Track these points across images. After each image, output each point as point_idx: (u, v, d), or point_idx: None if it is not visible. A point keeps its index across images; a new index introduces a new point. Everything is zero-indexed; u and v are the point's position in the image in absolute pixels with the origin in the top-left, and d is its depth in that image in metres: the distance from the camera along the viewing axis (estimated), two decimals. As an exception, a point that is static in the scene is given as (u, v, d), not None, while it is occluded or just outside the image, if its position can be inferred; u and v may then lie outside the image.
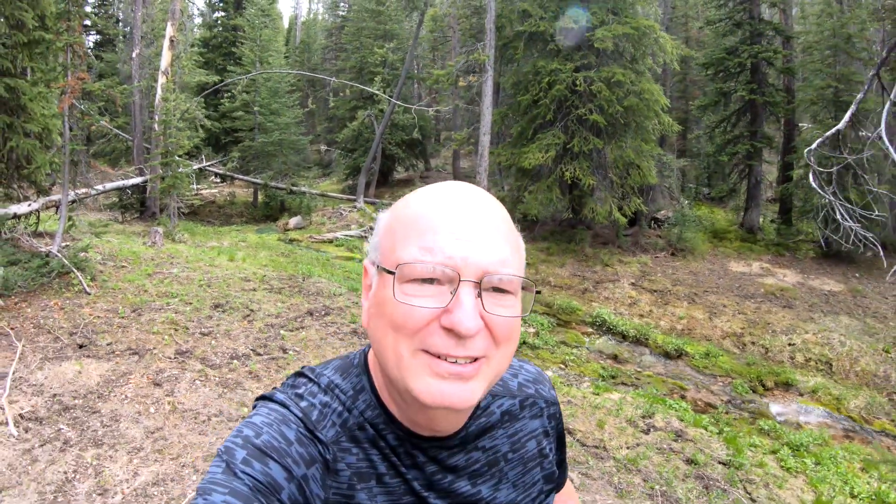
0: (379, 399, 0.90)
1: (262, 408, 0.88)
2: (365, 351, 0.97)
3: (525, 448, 1.03)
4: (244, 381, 5.85)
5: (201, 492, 0.76)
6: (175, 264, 9.99)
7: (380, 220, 0.88)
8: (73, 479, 4.14)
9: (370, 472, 0.87)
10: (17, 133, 8.13)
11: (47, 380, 5.48)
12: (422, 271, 0.77)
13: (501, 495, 0.98)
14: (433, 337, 0.78)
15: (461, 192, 0.84)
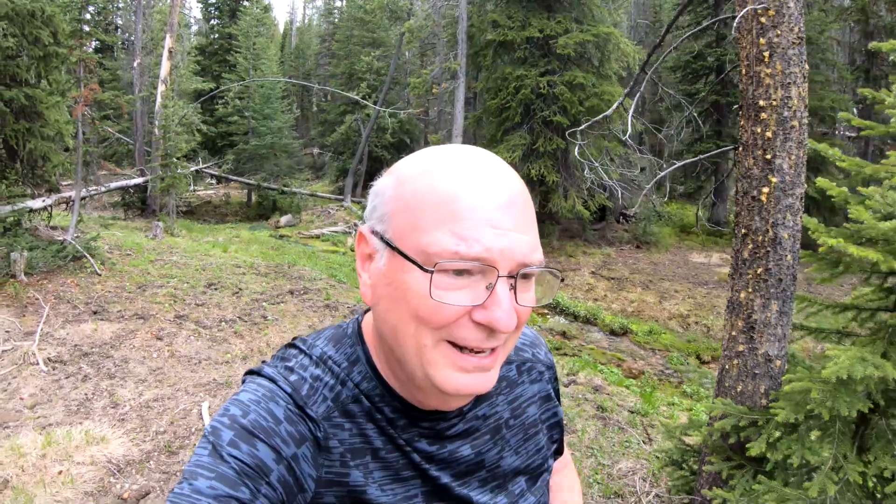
0: (375, 370, 0.86)
1: (249, 383, 0.85)
2: (359, 319, 0.93)
3: (525, 413, 1.01)
4: (230, 339, 7.16)
5: (187, 475, 0.73)
6: (174, 253, 11.26)
7: (385, 184, 0.80)
8: (92, 398, 5.44)
9: (365, 447, 0.84)
10: (35, 137, 9.32)
11: (69, 335, 6.77)
12: (457, 265, 0.72)
13: (505, 462, 0.95)
14: (463, 330, 0.75)
15: (488, 165, 0.77)
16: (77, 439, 4.64)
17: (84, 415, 5.11)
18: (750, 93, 2.72)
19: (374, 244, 0.80)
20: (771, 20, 2.61)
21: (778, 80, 2.62)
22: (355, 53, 26.41)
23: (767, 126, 2.66)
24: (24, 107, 8.77)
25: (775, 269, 2.74)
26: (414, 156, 0.82)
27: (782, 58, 2.61)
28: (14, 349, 6.34)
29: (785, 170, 2.67)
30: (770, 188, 2.69)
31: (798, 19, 2.63)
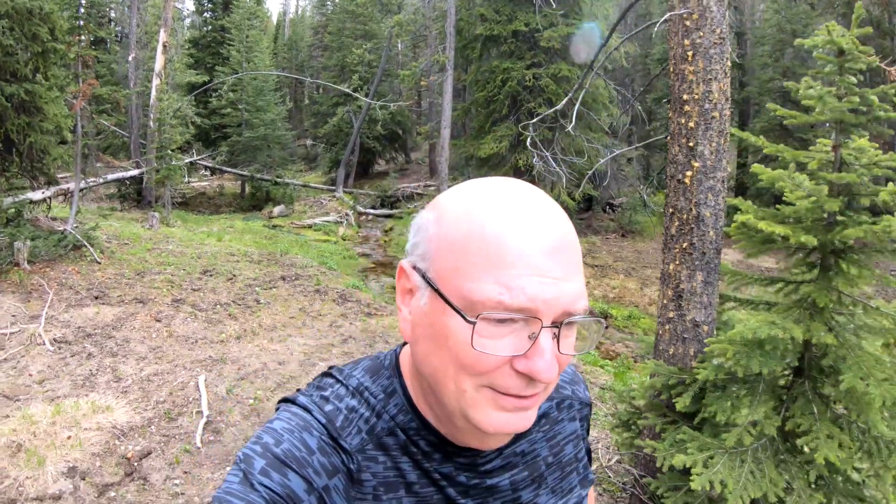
0: (412, 403, 0.85)
1: (283, 412, 0.84)
2: (397, 351, 0.92)
3: (563, 452, 1.00)
4: (224, 320, 7.55)
5: (218, 502, 0.73)
6: (170, 243, 11.62)
7: (427, 220, 0.78)
8: (96, 374, 5.83)
9: (398, 481, 0.82)
10: (35, 130, 9.61)
11: (72, 318, 7.15)
12: (501, 316, 0.70)
13: (541, 500, 0.94)
14: (504, 379, 0.73)
15: (536, 206, 0.74)
16: (84, 409, 5.04)
17: (89, 388, 5.51)
18: (676, 88, 3.11)
19: (415, 280, 0.78)
20: (695, 23, 3.00)
21: (700, 76, 3.02)
22: (347, 46, 26.68)
23: (690, 117, 3.06)
24: (24, 102, 9.03)
25: (699, 243, 3.15)
26: (457, 190, 0.79)
27: (704, 56, 3.00)
28: (21, 331, 6.72)
29: (706, 156, 3.07)
30: (693, 172, 3.09)
31: (720, 22, 3.03)
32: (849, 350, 2.92)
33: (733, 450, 2.98)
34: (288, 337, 7.25)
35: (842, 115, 3.02)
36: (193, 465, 4.43)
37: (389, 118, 24.98)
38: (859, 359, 2.86)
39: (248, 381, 5.87)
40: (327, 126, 24.81)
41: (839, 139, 3.10)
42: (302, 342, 7.10)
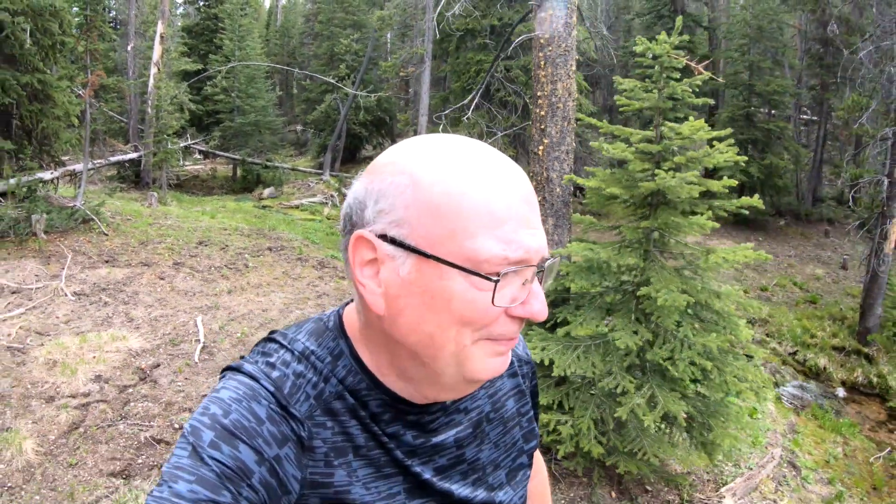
0: (360, 363, 0.85)
1: (229, 380, 0.83)
2: (339, 312, 0.92)
3: (505, 407, 1.03)
4: (217, 279, 8.84)
5: (167, 477, 0.72)
6: (168, 219, 12.84)
7: (397, 185, 0.76)
8: (112, 317, 7.11)
9: (347, 445, 0.83)
10: (47, 117, 10.70)
11: (88, 277, 8.41)
12: (508, 269, 0.74)
13: (484, 455, 0.97)
14: (502, 326, 0.77)
15: (505, 163, 0.78)
16: (105, 338, 6.34)
17: (107, 325, 6.80)
18: (535, 87, 4.37)
19: (385, 250, 0.76)
20: (546, 41, 4.26)
21: (549, 78, 4.28)
22: (336, 35, 27.78)
23: (542, 108, 4.33)
24: (37, 90, 9.99)
25: (549, 196, 4.44)
26: (422, 154, 0.77)
27: (552, 64, 4.27)
28: (45, 286, 7.97)
29: (553, 135, 4.35)
30: (544, 146, 4.37)
31: (565, 39, 4.29)
32: (653, 271, 4.23)
33: (568, 343, 4.29)
34: (271, 292, 8.56)
35: (658, 103, 4.31)
36: (192, 374, 5.77)
37: (376, 105, 26.15)
38: (659, 275, 4.17)
39: (237, 321, 7.20)
40: (315, 113, 25.99)
41: (659, 120, 4.40)
42: (283, 296, 8.41)
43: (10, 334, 6.42)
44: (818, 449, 6.99)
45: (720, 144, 4.12)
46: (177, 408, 5.26)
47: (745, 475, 5.61)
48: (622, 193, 4.22)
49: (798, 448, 6.68)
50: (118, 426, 4.93)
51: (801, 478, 6.04)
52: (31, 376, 5.57)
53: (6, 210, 9.33)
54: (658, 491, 4.99)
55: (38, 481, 4.27)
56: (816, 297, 13.44)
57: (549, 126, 4.35)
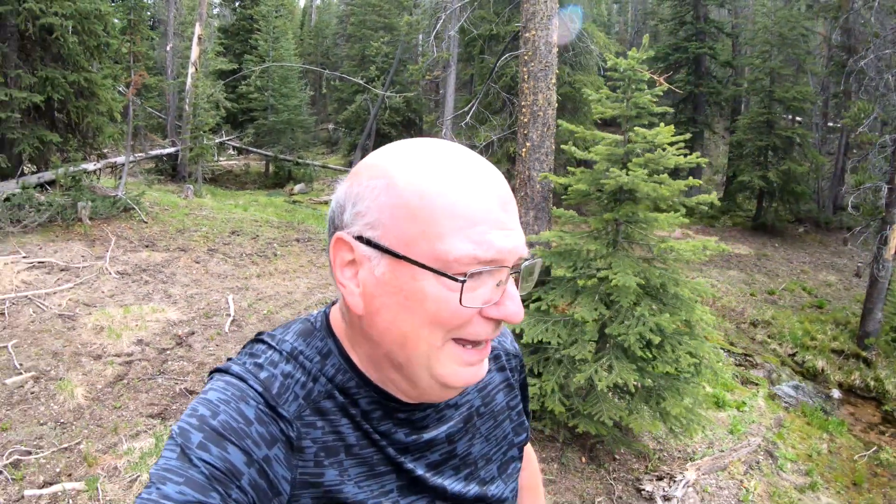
0: (350, 362, 0.87)
1: (217, 381, 0.84)
2: (326, 312, 0.94)
3: (494, 401, 1.04)
4: (248, 265, 9.65)
5: (155, 479, 0.73)
6: (203, 210, 13.71)
7: (371, 188, 0.79)
8: (152, 293, 7.93)
9: (338, 444, 0.84)
10: (92, 112, 11.39)
11: (130, 259, 9.26)
12: (477, 269, 0.75)
13: (475, 449, 0.98)
14: (475, 326, 0.79)
15: (481, 166, 0.80)
16: (146, 310, 7.15)
17: (148, 300, 7.62)
18: (519, 97, 5.04)
19: (361, 251, 0.79)
20: (529, 58, 4.93)
21: (531, 90, 4.96)
22: (368, 37, 28.69)
23: (526, 115, 5.01)
24: (83, 88, 10.75)
25: (530, 192, 5.11)
26: (399, 157, 0.80)
27: (534, 78, 4.94)
28: (91, 266, 8.82)
29: (534, 139, 5.02)
30: (526, 149, 5.04)
31: (545, 56, 4.96)
32: (616, 258, 4.87)
33: (540, 318, 4.95)
34: (297, 278, 9.34)
35: (624, 111, 4.96)
36: (222, 341, 6.56)
37: (405, 106, 26.99)
38: (620, 262, 4.81)
39: (264, 301, 7.99)
40: (346, 112, 26.93)
41: (626, 126, 5.04)
42: (307, 281, 9.18)
43: (60, 304, 7.27)
44: (803, 444, 7.24)
45: (671, 148, 4.74)
46: (208, 367, 6.06)
47: (715, 455, 6.11)
48: (589, 189, 4.88)
49: (781, 440, 6.99)
50: (157, 379, 5.74)
51: (776, 466, 6.36)
52: (81, 339, 6.40)
53: (54, 197, 10.20)
54: (626, 460, 5.60)
55: (86, 419, 5.08)
56: (824, 302, 13.70)
57: (531, 131, 5.02)
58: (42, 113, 10.40)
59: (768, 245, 17.81)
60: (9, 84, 9.58)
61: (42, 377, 5.63)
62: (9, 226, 9.27)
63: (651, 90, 4.88)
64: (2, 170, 9.85)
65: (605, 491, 5.05)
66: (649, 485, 5.11)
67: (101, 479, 4.36)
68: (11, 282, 7.59)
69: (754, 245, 17.70)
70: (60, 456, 4.62)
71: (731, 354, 10.78)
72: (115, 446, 4.76)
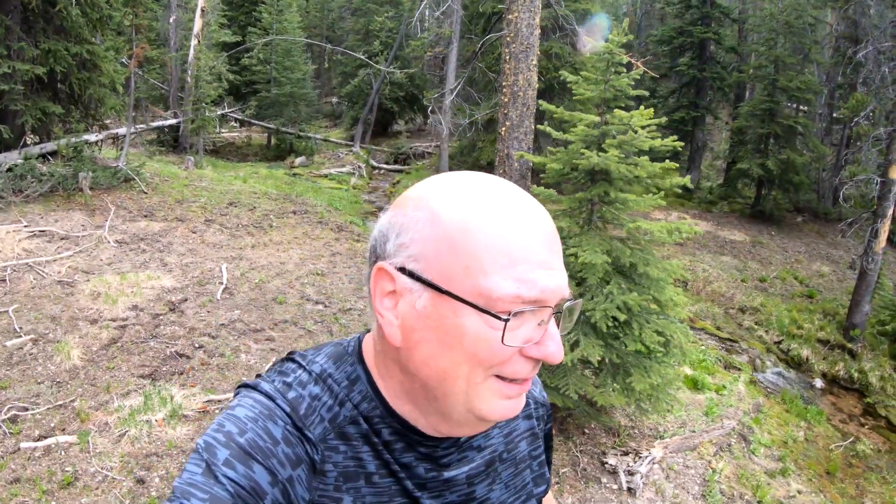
0: (376, 390, 0.87)
1: (245, 398, 0.84)
2: (360, 338, 0.93)
3: (518, 448, 1.03)
4: (244, 236, 9.87)
5: (179, 494, 0.73)
6: (203, 181, 13.91)
7: (415, 220, 0.79)
8: (148, 262, 8.16)
9: (358, 471, 0.84)
10: (94, 84, 11.41)
11: (128, 228, 9.48)
12: (520, 308, 0.75)
13: (494, 496, 0.97)
14: (515, 365, 0.78)
15: (529, 203, 0.80)
16: (142, 277, 7.39)
17: (144, 268, 7.85)
18: (501, 78, 5.21)
19: (403, 283, 0.79)
20: (511, 39, 5.09)
21: (512, 70, 5.12)
22: (374, 11, 28.62)
23: (506, 95, 5.17)
24: (85, 60, 10.85)
25: (509, 170, 5.30)
26: (444, 190, 0.80)
27: (515, 59, 5.10)
28: (90, 234, 9.04)
29: (514, 118, 5.19)
30: (505, 128, 5.22)
31: (527, 37, 5.12)
32: (586, 236, 5.06)
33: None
34: (290, 248, 9.56)
35: (602, 93, 5.12)
36: (213, 307, 6.80)
37: (408, 81, 27.01)
38: (589, 240, 5.00)
39: (256, 270, 8.22)
40: (349, 86, 26.94)
41: (603, 108, 5.21)
42: (300, 252, 9.40)
43: (60, 272, 7.50)
44: (779, 430, 7.35)
45: (642, 131, 4.91)
46: (198, 332, 6.32)
47: (685, 435, 6.29)
48: (564, 169, 5.06)
49: (757, 425, 7.09)
50: (149, 343, 5.99)
51: (748, 450, 6.49)
52: (79, 304, 6.64)
53: (56, 168, 10.38)
54: (595, 434, 5.83)
55: (81, 379, 5.34)
56: (815, 292, 13.81)
57: (511, 111, 5.20)
58: (45, 85, 10.51)
59: (765, 233, 17.87)
60: (12, 56, 9.71)
61: (40, 340, 5.88)
62: (11, 195, 9.48)
63: (629, 74, 5.04)
64: (4, 141, 10.03)
65: (570, 462, 5.30)
66: (613, 459, 5.34)
67: (92, 434, 4.62)
68: (13, 249, 7.82)
69: (750, 232, 17.76)
70: (55, 412, 4.88)
71: (715, 339, 10.98)
72: (106, 404, 5.01)
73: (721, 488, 5.61)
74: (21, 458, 4.38)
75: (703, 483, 5.59)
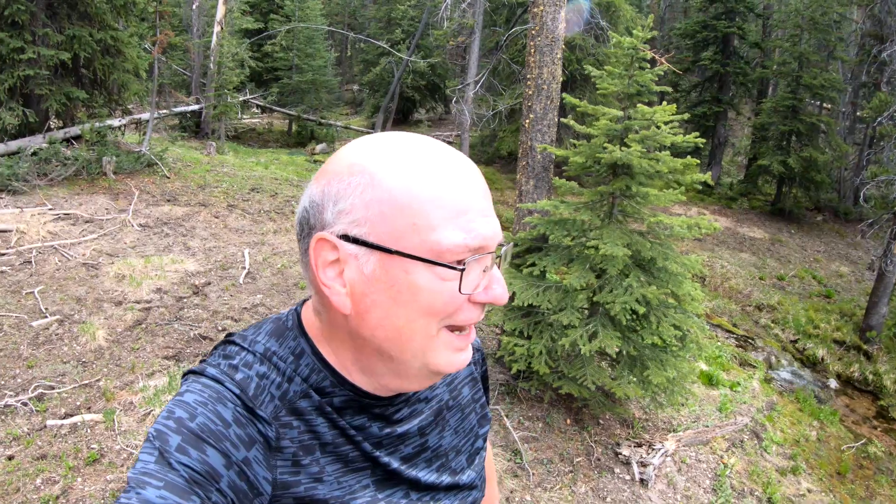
0: (323, 360, 0.88)
1: (193, 383, 0.84)
2: (297, 310, 0.94)
3: (461, 394, 1.08)
4: (265, 221, 9.98)
5: (134, 483, 0.72)
6: (225, 167, 14.01)
7: (353, 185, 0.78)
8: (171, 245, 8.28)
9: (315, 442, 0.86)
10: (118, 70, 11.48)
11: (152, 212, 9.61)
12: (466, 256, 0.77)
13: (445, 442, 1.02)
14: (466, 313, 0.81)
15: (458, 156, 0.82)
16: (165, 261, 7.51)
17: (168, 252, 7.98)
18: (525, 70, 5.22)
19: (347, 250, 0.79)
20: (536, 32, 5.11)
21: (537, 63, 5.14)
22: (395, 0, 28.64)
23: (531, 88, 5.19)
24: (109, 46, 10.97)
25: (532, 162, 5.32)
26: (380, 153, 0.80)
27: (540, 52, 5.12)
28: (114, 218, 9.19)
29: (537, 111, 5.21)
30: (529, 120, 5.25)
31: (552, 30, 5.13)
32: (607, 229, 5.09)
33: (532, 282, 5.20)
34: (309, 237, 9.66)
35: (626, 88, 5.13)
36: (236, 292, 6.91)
37: (430, 70, 27.03)
38: (610, 233, 5.03)
39: (279, 256, 8.32)
40: (370, 74, 27.00)
41: (626, 104, 5.22)
42: (319, 240, 9.51)
43: (84, 254, 7.65)
44: (792, 429, 7.34)
45: (665, 126, 4.92)
46: (221, 315, 6.43)
47: (698, 429, 6.31)
48: (587, 162, 5.09)
49: (770, 423, 7.10)
50: (173, 325, 6.10)
51: (760, 447, 6.49)
52: (103, 286, 6.77)
53: (80, 152, 10.52)
54: (609, 425, 5.87)
55: (106, 359, 5.47)
56: (832, 292, 13.69)
57: (535, 104, 5.22)
58: (69, 70, 10.64)
59: (784, 231, 17.73)
60: (36, 42, 9.86)
61: (66, 320, 6.00)
62: (36, 179, 9.65)
63: (652, 69, 5.05)
64: (30, 125, 10.19)
65: (584, 452, 5.35)
66: (627, 450, 5.39)
67: (117, 412, 4.73)
68: (38, 232, 7.97)
69: (770, 230, 17.63)
70: (81, 391, 5.00)
71: (731, 336, 10.95)
72: (131, 384, 5.13)
73: (732, 483, 5.65)
74: (47, 435, 4.50)
75: (714, 477, 5.63)
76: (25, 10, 9.45)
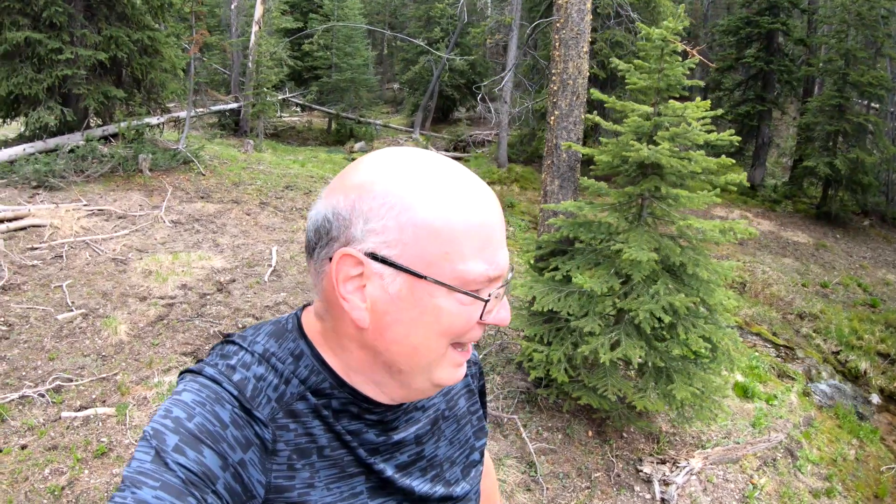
0: (323, 363, 0.88)
1: (191, 383, 0.84)
2: (298, 314, 0.95)
3: (457, 405, 1.10)
4: (297, 219, 9.97)
5: (130, 483, 0.72)
6: (261, 164, 14.10)
7: (385, 207, 0.79)
8: (201, 242, 8.31)
9: (311, 446, 0.86)
10: (155, 69, 11.53)
11: (184, 209, 9.68)
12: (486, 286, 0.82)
13: (441, 452, 1.03)
14: (473, 333, 0.85)
15: (482, 186, 0.84)
16: (193, 258, 7.53)
17: (196, 248, 8.01)
18: (550, 65, 5.05)
19: (373, 268, 0.80)
20: (561, 25, 4.93)
21: (562, 58, 4.96)
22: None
23: (555, 83, 5.02)
24: (147, 46, 11.15)
25: (557, 161, 5.15)
26: (410, 177, 0.81)
27: (565, 45, 4.94)
28: (147, 214, 9.27)
29: (563, 108, 5.04)
30: (554, 117, 5.07)
31: (578, 23, 4.95)
32: (634, 232, 4.88)
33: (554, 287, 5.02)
34: (339, 235, 9.62)
35: (655, 83, 4.92)
36: (260, 289, 6.89)
37: (469, 69, 26.90)
38: (637, 236, 4.82)
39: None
40: (410, 73, 26.97)
41: (656, 99, 5.00)
42: (348, 239, 9.47)
43: (115, 249, 7.72)
44: (830, 447, 6.94)
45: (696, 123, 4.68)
46: (243, 313, 6.41)
47: (728, 446, 5.96)
48: (614, 161, 4.89)
49: (807, 440, 6.73)
50: (194, 321, 6.10)
51: (794, 466, 6.14)
52: (130, 281, 6.81)
53: (117, 149, 10.68)
54: (633, 439, 5.61)
55: (125, 353, 5.49)
56: (878, 301, 13.08)
57: (560, 100, 5.04)
58: (107, 69, 10.79)
59: (829, 235, 17.08)
60: (74, 42, 10.03)
61: (90, 314, 6.05)
62: (72, 175, 9.81)
63: (682, 63, 4.81)
64: (68, 123, 10.38)
65: (604, 467, 5.14)
66: (649, 467, 5.15)
67: (130, 407, 4.73)
68: (71, 227, 8.08)
69: (815, 234, 17.01)
70: (98, 385, 5.02)
71: (770, 345, 10.55)
72: (147, 378, 5.13)
73: (760, 507, 5.35)
74: (61, 426, 4.53)
75: (741, 499, 5.32)
76: (63, 12, 9.62)
